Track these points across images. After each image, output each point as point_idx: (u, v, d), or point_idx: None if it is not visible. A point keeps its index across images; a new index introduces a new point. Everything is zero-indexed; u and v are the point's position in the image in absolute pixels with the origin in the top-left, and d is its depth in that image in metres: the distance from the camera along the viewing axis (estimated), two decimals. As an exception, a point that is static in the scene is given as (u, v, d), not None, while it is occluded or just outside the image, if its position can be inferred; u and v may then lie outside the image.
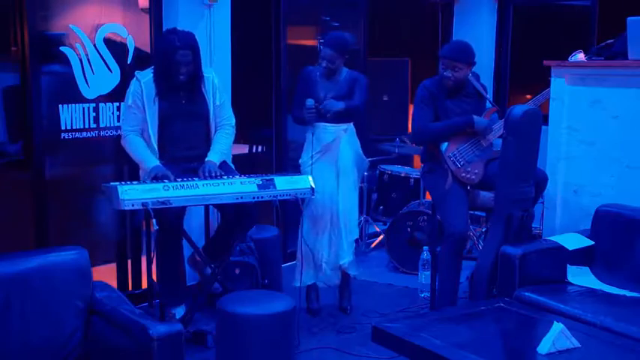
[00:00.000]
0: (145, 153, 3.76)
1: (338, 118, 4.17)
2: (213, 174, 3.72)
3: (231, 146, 4.08)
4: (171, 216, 3.64)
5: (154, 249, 3.81)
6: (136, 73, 3.84)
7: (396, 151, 5.77)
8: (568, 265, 3.71)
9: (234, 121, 4.02)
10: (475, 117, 4.02)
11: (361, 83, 4.25)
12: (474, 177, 4.05)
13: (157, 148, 3.79)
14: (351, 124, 4.29)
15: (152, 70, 3.81)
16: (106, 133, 4.18)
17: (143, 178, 3.82)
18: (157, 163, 3.70)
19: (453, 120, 4.05)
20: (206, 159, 3.82)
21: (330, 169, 4.24)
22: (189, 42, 3.75)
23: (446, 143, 4.07)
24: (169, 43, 3.72)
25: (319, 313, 4.39)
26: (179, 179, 3.59)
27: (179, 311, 3.92)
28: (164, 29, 4.36)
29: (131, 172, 4.30)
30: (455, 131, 4.05)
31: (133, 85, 3.80)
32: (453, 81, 4.03)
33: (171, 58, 3.70)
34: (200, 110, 3.89)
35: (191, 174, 3.76)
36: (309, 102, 4.11)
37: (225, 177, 3.71)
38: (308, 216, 4.24)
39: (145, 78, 3.78)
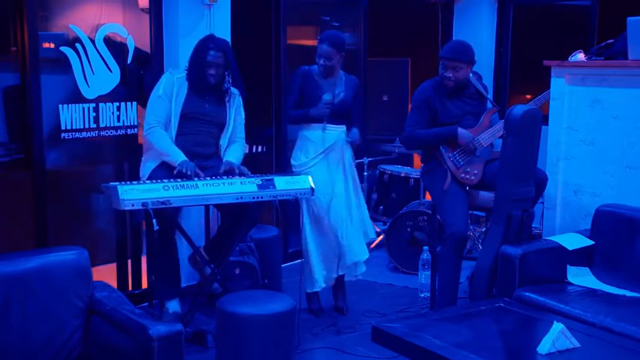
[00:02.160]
0: (172, 147, 3.80)
1: (337, 119, 4.18)
2: (237, 171, 3.79)
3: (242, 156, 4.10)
4: (169, 215, 3.64)
5: (152, 246, 3.83)
6: (170, 69, 3.97)
7: (396, 151, 5.77)
8: (568, 266, 3.71)
9: (245, 143, 4.12)
10: (460, 129, 4.02)
11: (360, 97, 4.30)
12: (472, 177, 4.05)
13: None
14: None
15: (185, 69, 3.91)
16: (106, 133, 4.18)
17: (144, 174, 3.83)
18: (185, 158, 3.73)
19: (438, 129, 4.07)
20: (224, 159, 3.89)
21: (337, 170, 4.23)
22: (222, 45, 3.89)
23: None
24: (203, 44, 3.88)
25: (321, 312, 4.38)
26: (179, 179, 3.59)
27: (172, 305, 3.92)
28: (164, 29, 4.37)
29: (131, 172, 4.30)
30: (439, 140, 4.06)
31: (166, 77, 3.90)
32: (454, 81, 4.03)
33: (203, 58, 3.82)
34: (219, 117, 3.97)
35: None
36: (327, 96, 4.11)
37: (225, 177, 3.72)
38: (311, 217, 4.22)
39: (178, 74, 3.90)
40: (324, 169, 4.20)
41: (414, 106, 4.13)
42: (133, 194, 3.38)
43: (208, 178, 3.65)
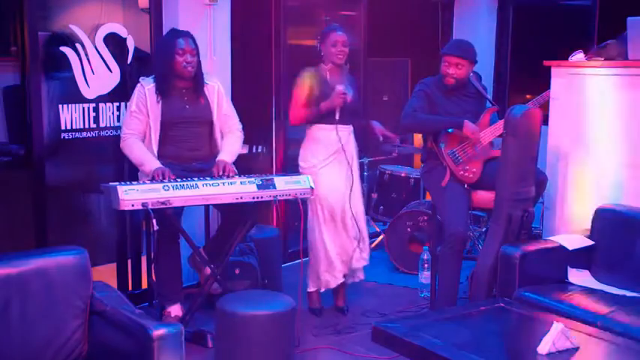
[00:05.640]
0: (145, 155, 3.77)
1: (346, 119, 4.17)
2: (229, 169, 3.74)
3: (239, 150, 4.07)
4: (170, 215, 3.64)
5: (153, 248, 3.82)
6: (141, 79, 3.88)
7: (396, 151, 5.77)
8: (568, 268, 3.71)
9: (241, 126, 4.07)
10: (467, 121, 4.01)
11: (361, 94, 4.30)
12: (471, 175, 4.05)
13: (156, 151, 3.80)
14: None
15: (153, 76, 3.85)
16: (106, 133, 4.18)
17: (142, 180, 3.82)
18: (159, 164, 3.71)
19: (443, 116, 4.05)
20: (217, 159, 3.84)
21: (342, 170, 4.22)
22: (187, 33, 3.85)
23: (445, 140, 4.08)
24: (168, 37, 3.85)
25: (321, 312, 4.38)
26: (179, 179, 3.59)
27: (174, 309, 3.92)
28: (164, 29, 4.37)
29: (131, 172, 4.30)
30: (441, 127, 4.04)
31: (137, 90, 3.84)
32: (455, 79, 4.04)
33: (174, 47, 3.76)
34: (203, 116, 3.92)
35: (191, 174, 3.76)
36: (341, 86, 4.06)
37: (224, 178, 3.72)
38: (322, 219, 4.20)
39: (149, 84, 3.83)
40: (335, 171, 4.19)
41: (416, 93, 4.11)
42: (132, 194, 3.37)
43: (179, 180, 3.58)
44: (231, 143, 3.96)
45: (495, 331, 3.14)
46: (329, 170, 4.17)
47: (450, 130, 4.05)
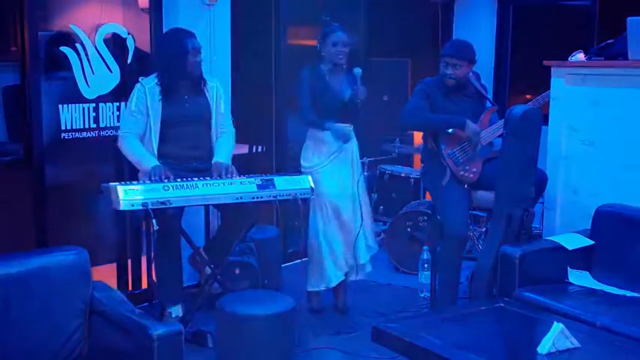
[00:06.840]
0: (143, 153, 3.77)
1: (346, 117, 4.16)
2: (230, 171, 3.74)
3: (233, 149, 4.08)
4: (169, 215, 3.64)
5: (154, 248, 3.82)
6: (141, 79, 3.87)
7: (396, 151, 5.77)
8: (569, 268, 3.71)
9: (234, 130, 4.07)
10: (468, 121, 4.01)
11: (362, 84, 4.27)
12: (472, 175, 4.05)
13: (156, 151, 3.80)
14: None
15: (156, 75, 3.83)
16: (106, 133, 4.18)
17: (142, 179, 3.82)
18: (157, 162, 3.71)
19: (446, 116, 4.05)
20: (213, 160, 3.84)
21: (347, 169, 4.22)
22: (193, 33, 3.87)
23: (445, 140, 4.08)
24: (180, 36, 3.83)
25: (321, 312, 4.38)
26: (179, 179, 3.59)
27: (175, 310, 3.92)
28: (164, 29, 4.37)
29: (131, 172, 4.30)
30: (444, 126, 4.03)
31: (138, 90, 3.82)
32: (454, 79, 4.04)
33: (186, 47, 3.77)
34: (203, 115, 3.93)
35: (191, 174, 3.77)
36: (358, 70, 4.06)
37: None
38: (322, 217, 4.21)
39: (149, 84, 3.82)
40: (336, 170, 4.19)
41: (416, 92, 4.10)
42: (133, 194, 3.37)
43: (179, 180, 3.58)
44: (226, 144, 3.97)
45: (495, 331, 3.14)
46: (331, 169, 4.17)
47: (450, 131, 4.04)
